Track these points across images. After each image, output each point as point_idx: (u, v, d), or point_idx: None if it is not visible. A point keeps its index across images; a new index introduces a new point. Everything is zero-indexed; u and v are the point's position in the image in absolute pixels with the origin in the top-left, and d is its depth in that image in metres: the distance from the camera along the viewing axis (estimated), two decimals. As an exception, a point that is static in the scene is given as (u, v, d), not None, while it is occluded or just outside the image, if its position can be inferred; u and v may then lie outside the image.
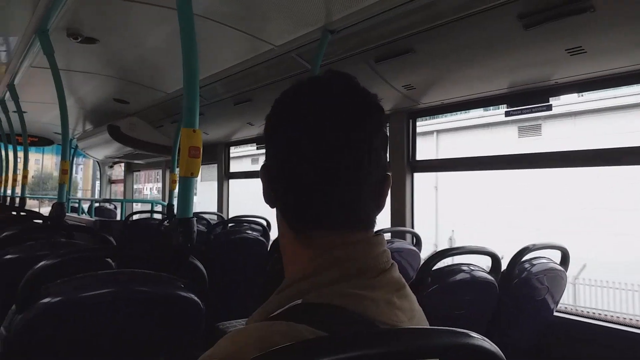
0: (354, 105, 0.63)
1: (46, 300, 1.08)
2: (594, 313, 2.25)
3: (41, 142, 6.62)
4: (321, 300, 0.57)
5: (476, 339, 0.53)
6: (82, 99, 4.38)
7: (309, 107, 0.63)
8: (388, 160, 0.68)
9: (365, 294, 0.59)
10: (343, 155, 0.61)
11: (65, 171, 2.72)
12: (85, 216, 5.53)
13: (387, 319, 0.59)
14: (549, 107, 2.27)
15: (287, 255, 0.68)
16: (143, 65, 3.27)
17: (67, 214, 5.50)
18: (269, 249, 2.87)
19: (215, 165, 4.88)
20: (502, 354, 0.54)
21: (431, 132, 11.00)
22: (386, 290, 0.61)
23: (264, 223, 3.27)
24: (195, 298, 1.20)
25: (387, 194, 0.67)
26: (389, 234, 2.83)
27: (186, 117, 1.41)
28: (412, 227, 2.89)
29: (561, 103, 8.36)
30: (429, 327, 0.60)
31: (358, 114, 0.63)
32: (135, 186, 7.47)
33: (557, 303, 2.06)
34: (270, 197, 0.68)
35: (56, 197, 2.89)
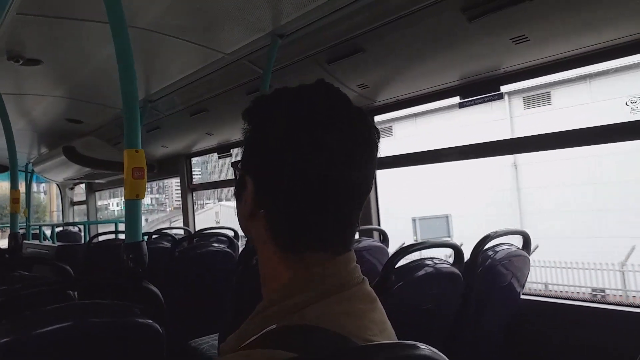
0: (372, 130, 0.64)
1: (-7, 341, 1.03)
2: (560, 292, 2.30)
3: (-2, 169, 6.36)
4: (297, 322, 0.56)
5: (423, 349, 0.52)
6: (33, 121, 4.22)
7: (341, 125, 0.60)
8: None
9: (342, 309, 0.58)
10: (362, 177, 0.61)
11: (16, 200, 2.61)
12: (47, 242, 5.34)
13: (363, 333, 0.58)
14: (501, 96, 2.32)
15: (266, 273, 0.65)
16: (92, 83, 3.17)
17: (29, 241, 5.33)
18: (236, 260, 2.83)
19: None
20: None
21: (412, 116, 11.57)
22: (361, 303, 0.61)
23: (231, 234, 3.22)
24: (153, 323, 1.16)
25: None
26: (357, 233, 2.83)
27: (127, 137, 1.36)
28: (379, 225, 2.90)
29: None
30: (378, 342, 0.58)
31: (376, 141, 0.64)
32: (99, 202, 7.27)
33: (522, 286, 2.10)
34: (251, 211, 0.64)
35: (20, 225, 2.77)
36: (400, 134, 12.27)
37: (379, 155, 0.65)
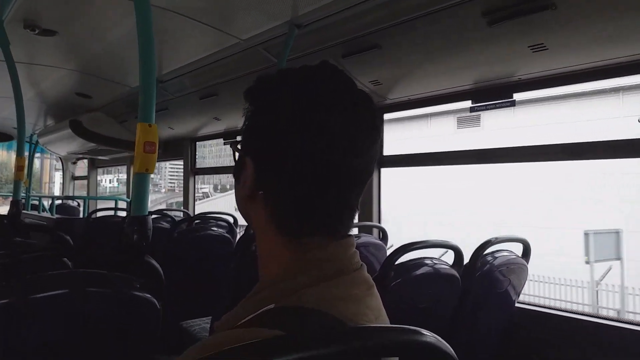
0: (376, 114, 0.64)
1: (-8, 302, 1.03)
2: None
3: (0, 137, 6.36)
4: (295, 304, 0.56)
5: (427, 336, 0.52)
6: (42, 92, 4.22)
7: (344, 107, 0.60)
8: None
9: (340, 293, 0.58)
10: (363, 162, 0.61)
11: (21, 167, 2.61)
12: (46, 214, 5.35)
13: (359, 318, 0.58)
14: (513, 103, 2.31)
15: (264, 254, 0.65)
16: (106, 58, 3.17)
17: (28, 212, 5.34)
18: (235, 246, 2.83)
19: None
20: (452, 351, 0.53)
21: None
22: (359, 289, 0.61)
23: (231, 220, 3.23)
24: (151, 297, 1.16)
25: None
26: (357, 229, 2.83)
27: (142, 111, 1.36)
28: (379, 222, 2.90)
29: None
30: (383, 325, 0.59)
31: (379, 125, 0.64)
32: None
33: (518, 294, 2.11)
34: (251, 193, 0.64)
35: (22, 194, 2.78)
36: (493, 124, 10.36)
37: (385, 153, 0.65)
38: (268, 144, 0.61)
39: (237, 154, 0.68)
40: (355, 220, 2.67)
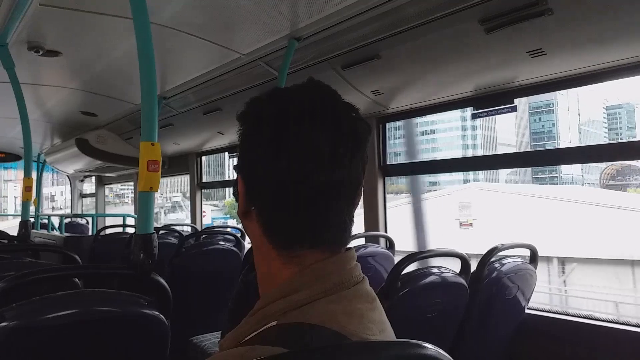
0: (359, 124, 0.64)
1: (2, 325, 1.04)
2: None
3: (8, 157, 6.42)
4: (297, 320, 0.56)
5: (429, 349, 0.52)
6: (48, 112, 4.27)
7: (325, 120, 0.61)
8: None
9: (341, 308, 0.58)
10: (346, 173, 0.61)
11: (29, 188, 2.64)
12: (55, 232, 5.38)
13: (361, 332, 0.58)
14: (514, 108, 2.31)
15: (263, 272, 0.66)
16: (109, 76, 3.21)
17: (37, 230, 5.38)
18: (242, 259, 2.84)
19: None
20: None
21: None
22: (361, 303, 0.61)
23: (238, 234, 3.23)
24: (159, 315, 1.17)
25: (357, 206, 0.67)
26: (363, 239, 2.83)
27: (144, 129, 1.38)
28: (386, 231, 2.90)
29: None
30: (385, 340, 0.59)
31: (363, 135, 0.64)
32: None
33: (528, 300, 2.09)
34: (245, 208, 0.66)
35: (30, 214, 2.80)
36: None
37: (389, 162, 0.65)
38: (254, 161, 0.63)
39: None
40: (362, 231, 2.70)
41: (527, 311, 2.11)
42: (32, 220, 5.41)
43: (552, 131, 42.05)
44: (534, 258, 2.08)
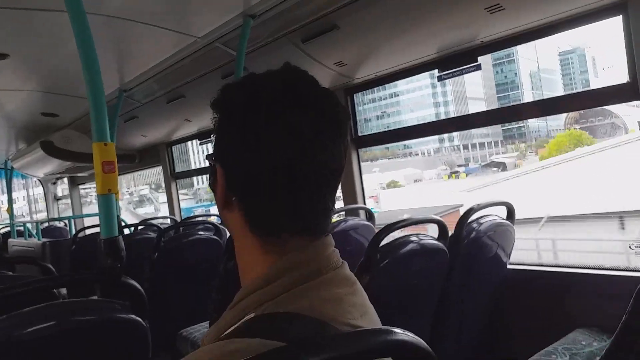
0: (339, 110, 0.63)
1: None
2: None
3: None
4: (276, 309, 0.56)
5: (399, 334, 0.51)
6: (8, 116, 4.12)
7: (306, 105, 0.60)
8: None
9: (320, 295, 0.58)
10: (329, 158, 0.61)
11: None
12: (33, 239, 5.27)
13: (342, 317, 0.58)
14: (479, 67, 2.30)
15: (244, 261, 0.65)
16: (63, 75, 3.08)
17: (14, 239, 5.26)
18: (224, 247, 2.81)
19: None
20: (425, 345, 0.52)
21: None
22: (340, 287, 0.61)
23: (217, 221, 3.20)
24: (135, 317, 1.14)
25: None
26: (343, 213, 2.83)
27: (94, 129, 1.32)
28: (364, 203, 2.90)
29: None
30: (356, 330, 0.57)
31: (344, 121, 0.63)
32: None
33: (509, 256, 2.12)
34: (225, 199, 0.64)
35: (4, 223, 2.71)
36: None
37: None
38: (233, 149, 0.61)
39: (210, 165, 0.68)
40: (341, 205, 2.68)
41: (509, 266, 2.14)
42: (8, 229, 5.28)
43: (515, 81, 42.87)
44: (510, 214, 2.11)
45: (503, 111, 2.34)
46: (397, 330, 0.52)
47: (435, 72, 2.43)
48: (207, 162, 0.69)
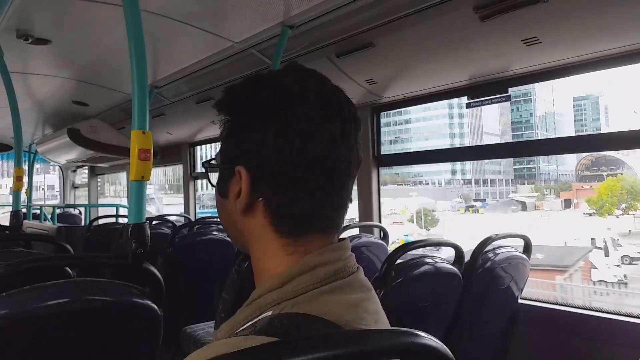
0: (353, 106, 0.65)
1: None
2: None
3: (-1, 147, 6.35)
4: (292, 310, 0.55)
5: (423, 338, 0.51)
6: (39, 102, 4.22)
7: (329, 102, 0.61)
8: None
9: (337, 298, 0.58)
10: (355, 153, 0.63)
11: (20, 178, 2.61)
12: (48, 223, 5.35)
13: (356, 322, 0.57)
14: (509, 98, 2.31)
15: (266, 266, 0.64)
16: (100, 65, 3.16)
17: (29, 221, 5.34)
18: (236, 249, 2.83)
19: None
20: (449, 352, 0.52)
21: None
22: (356, 293, 0.61)
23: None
24: (152, 304, 1.16)
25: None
26: (358, 229, 2.83)
27: (135, 118, 1.36)
28: (380, 222, 2.90)
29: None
30: (379, 328, 0.58)
31: (359, 118, 0.65)
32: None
33: (521, 290, 2.10)
34: (247, 204, 0.62)
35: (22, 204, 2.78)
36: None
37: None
38: (260, 148, 0.61)
39: (221, 169, 0.67)
40: (357, 221, 2.70)
41: (520, 301, 2.12)
42: (24, 210, 5.38)
43: (530, 121, 42.81)
44: (527, 248, 2.09)
45: (525, 144, 2.34)
46: (423, 334, 0.52)
47: (454, 101, 2.46)
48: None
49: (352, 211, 2.93)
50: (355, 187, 0.68)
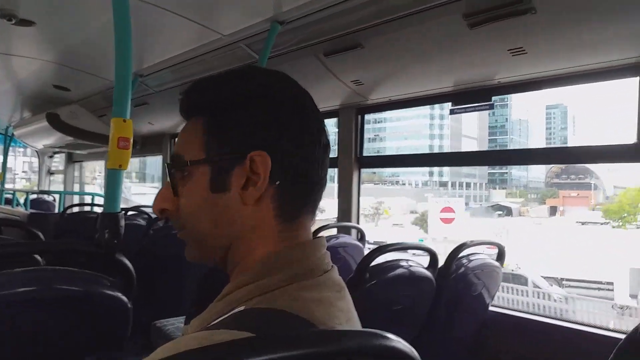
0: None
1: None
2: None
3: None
4: (265, 305, 0.55)
5: (392, 340, 0.51)
6: (19, 84, 4.12)
7: (307, 104, 0.66)
8: (336, 155, 0.74)
9: (310, 295, 0.58)
10: (327, 149, 0.67)
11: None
12: (20, 208, 5.23)
13: (329, 320, 0.57)
14: (492, 106, 2.34)
15: (250, 252, 0.62)
16: (84, 50, 3.10)
17: (1, 205, 5.22)
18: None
19: None
20: (416, 354, 0.52)
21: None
22: (329, 291, 0.60)
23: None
24: (121, 296, 1.14)
25: None
26: (335, 229, 2.83)
27: (116, 105, 1.33)
28: (358, 223, 2.90)
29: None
30: (350, 329, 0.58)
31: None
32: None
33: (492, 297, 2.12)
34: (262, 192, 0.60)
35: None
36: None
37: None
38: (277, 137, 0.61)
39: (225, 159, 0.64)
40: (335, 221, 2.69)
41: (490, 308, 2.14)
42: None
43: (505, 126, 43.99)
44: (500, 256, 2.11)
45: (509, 153, 2.38)
46: (392, 336, 0.52)
47: (436, 105, 2.48)
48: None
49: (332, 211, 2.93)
50: (335, 187, 0.70)
